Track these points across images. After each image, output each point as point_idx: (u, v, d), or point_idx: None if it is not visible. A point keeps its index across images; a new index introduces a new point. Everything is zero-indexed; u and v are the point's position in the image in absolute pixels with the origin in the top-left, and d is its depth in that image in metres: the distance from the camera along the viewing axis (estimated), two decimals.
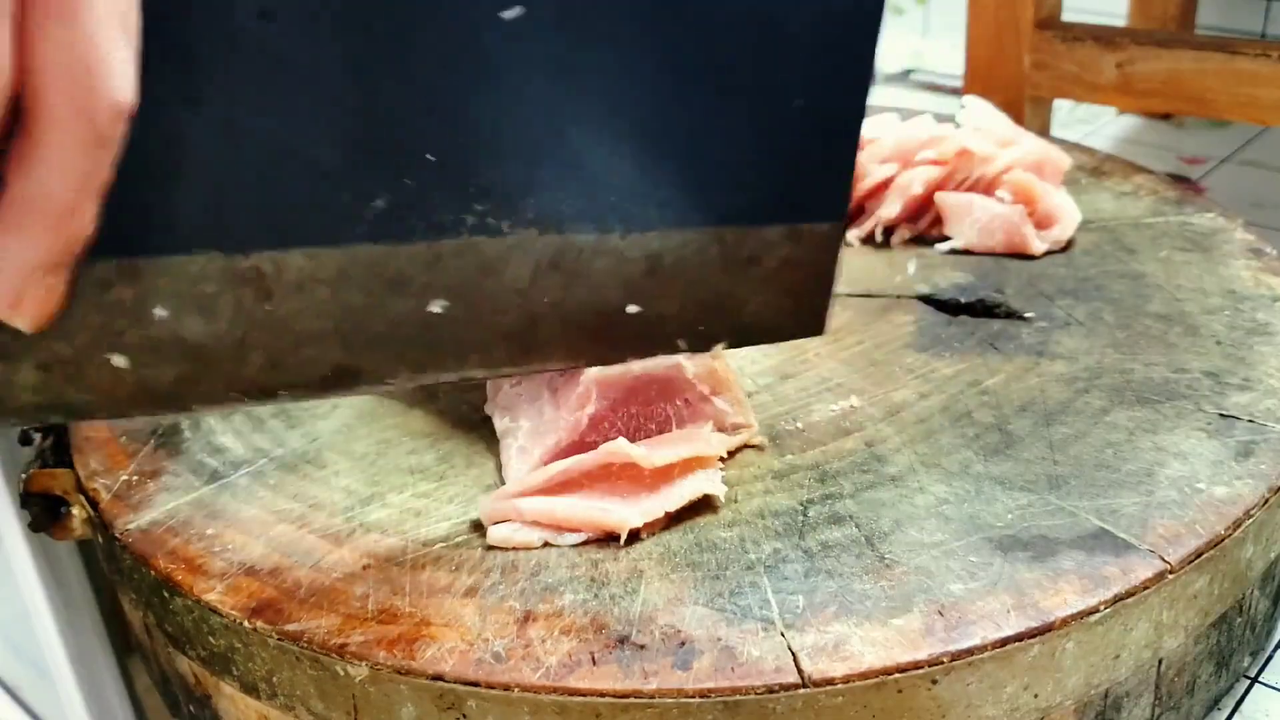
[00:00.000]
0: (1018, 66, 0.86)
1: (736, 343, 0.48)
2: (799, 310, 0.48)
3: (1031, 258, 0.63)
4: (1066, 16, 0.89)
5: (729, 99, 0.43)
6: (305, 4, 0.35)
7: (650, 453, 0.43)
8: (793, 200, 0.46)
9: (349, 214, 0.38)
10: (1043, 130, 0.90)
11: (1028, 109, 0.88)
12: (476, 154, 0.39)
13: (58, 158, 0.29)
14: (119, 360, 0.36)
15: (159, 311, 0.36)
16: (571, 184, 0.42)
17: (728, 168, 0.44)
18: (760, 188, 0.45)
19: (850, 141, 0.46)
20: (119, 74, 0.29)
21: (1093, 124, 1.11)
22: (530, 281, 0.42)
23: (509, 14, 0.38)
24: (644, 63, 0.41)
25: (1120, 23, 1.10)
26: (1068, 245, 0.64)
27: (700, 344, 0.47)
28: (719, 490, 0.45)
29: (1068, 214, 0.64)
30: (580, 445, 0.45)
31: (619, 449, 0.43)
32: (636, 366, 0.46)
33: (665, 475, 0.44)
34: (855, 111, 0.46)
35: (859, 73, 0.45)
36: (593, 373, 0.46)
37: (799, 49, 0.43)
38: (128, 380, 0.37)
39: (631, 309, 0.45)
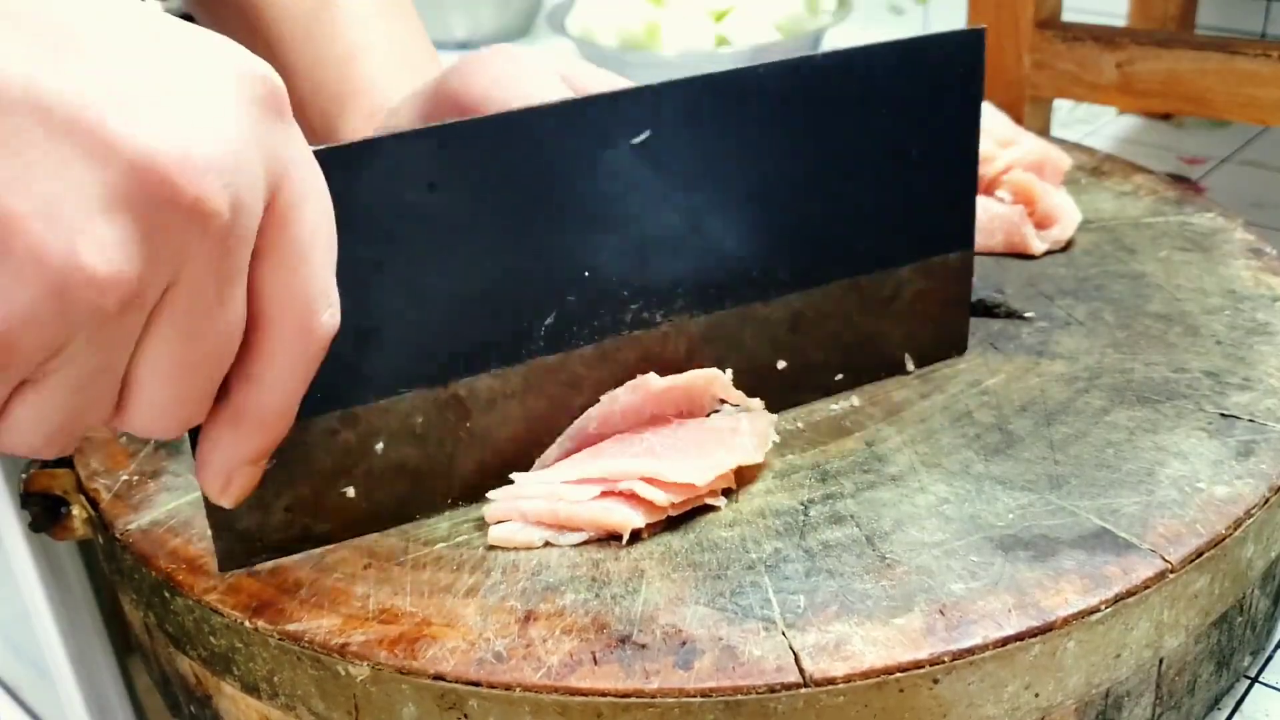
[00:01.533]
0: (1018, 66, 0.86)
1: (885, 374, 0.52)
2: (940, 333, 0.53)
3: (1031, 257, 0.63)
4: (1066, 16, 0.89)
5: (855, 163, 0.48)
6: (464, 173, 0.41)
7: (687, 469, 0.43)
8: (920, 239, 0.50)
9: (525, 335, 0.44)
10: (1043, 130, 0.90)
11: (1028, 109, 0.88)
12: (626, 262, 0.45)
13: (278, 375, 0.33)
14: (350, 491, 0.43)
15: (379, 446, 0.42)
16: (713, 270, 0.46)
17: (856, 223, 0.49)
18: (889, 234, 0.50)
19: (969, 177, 0.51)
20: (330, 306, 0.33)
21: (1093, 124, 1.11)
22: (686, 356, 0.47)
23: (638, 140, 0.43)
24: (768, 152, 0.46)
25: (1120, 23, 1.10)
26: (1068, 245, 0.64)
27: (849, 382, 0.51)
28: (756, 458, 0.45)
29: (1068, 214, 0.64)
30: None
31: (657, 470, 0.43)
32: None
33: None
34: (970, 148, 0.50)
35: (968, 114, 0.50)
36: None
37: (917, 109, 0.48)
38: (359, 506, 0.43)
39: (781, 364, 0.49)
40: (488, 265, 0.42)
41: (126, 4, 0.29)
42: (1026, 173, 0.65)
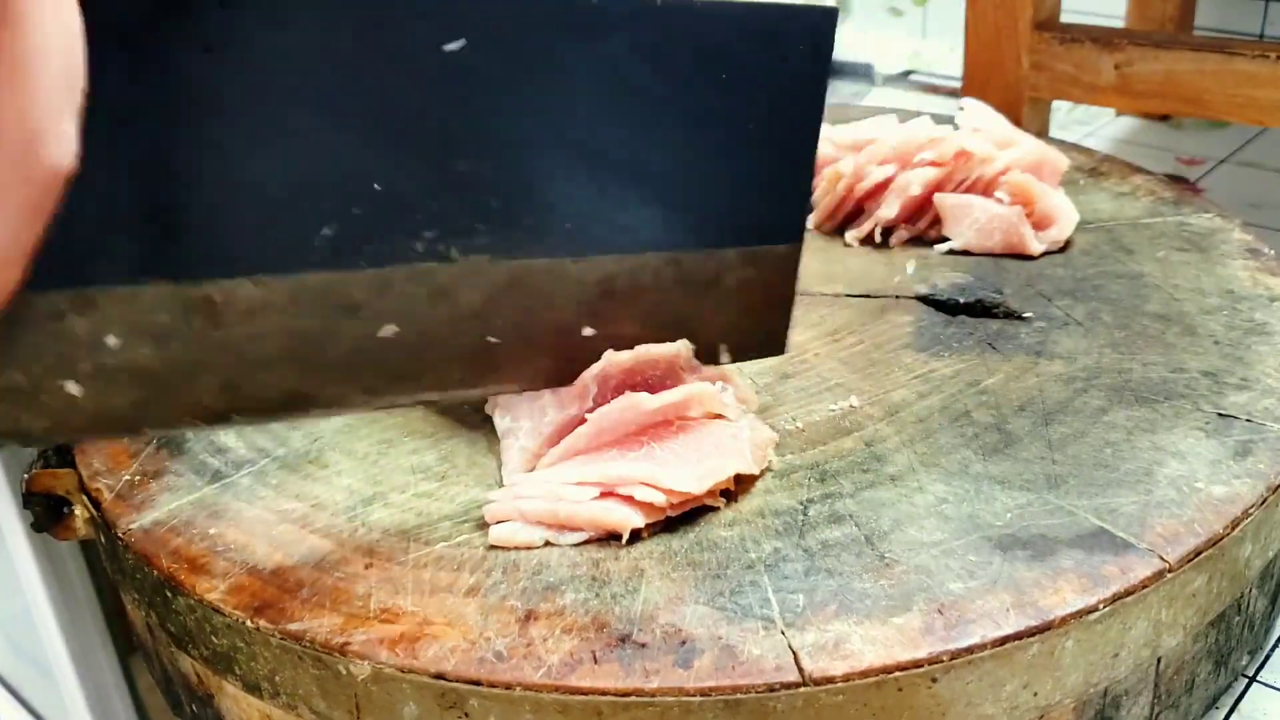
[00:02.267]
0: (1016, 68, 0.87)
1: (700, 360, 0.48)
2: (760, 330, 0.49)
3: (1030, 258, 0.63)
4: (1065, 17, 0.90)
5: (684, 127, 0.44)
6: (246, 39, 0.36)
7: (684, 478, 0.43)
8: (750, 223, 0.47)
9: (297, 243, 0.38)
10: (1041, 131, 0.90)
11: (1026, 110, 0.88)
12: (423, 183, 0.40)
13: None
14: (73, 388, 0.37)
15: (111, 340, 0.37)
16: (522, 211, 0.42)
17: (683, 194, 0.45)
18: (716, 212, 0.46)
19: (806, 166, 0.47)
20: (62, 140, 0.29)
21: (1091, 125, 1.11)
22: (483, 306, 0.42)
23: (451, 47, 0.38)
24: (590, 90, 0.42)
25: (1119, 24, 1.11)
26: (1066, 245, 0.64)
27: None
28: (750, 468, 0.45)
29: (1066, 214, 0.65)
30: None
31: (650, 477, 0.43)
32: (640, 350, 0.46)
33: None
34: (810, 137, 0.47)
35: (812, 100, 0.46)
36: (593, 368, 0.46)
37: (752, 78, 0.44)
38: (82, 406, 0.37)
39: (588, 331, 0.45)
40: (262, 152, 0.37)
41: None
42: (1025, 173, 0.65)
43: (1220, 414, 0.48)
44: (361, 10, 0.37)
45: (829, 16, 0.45)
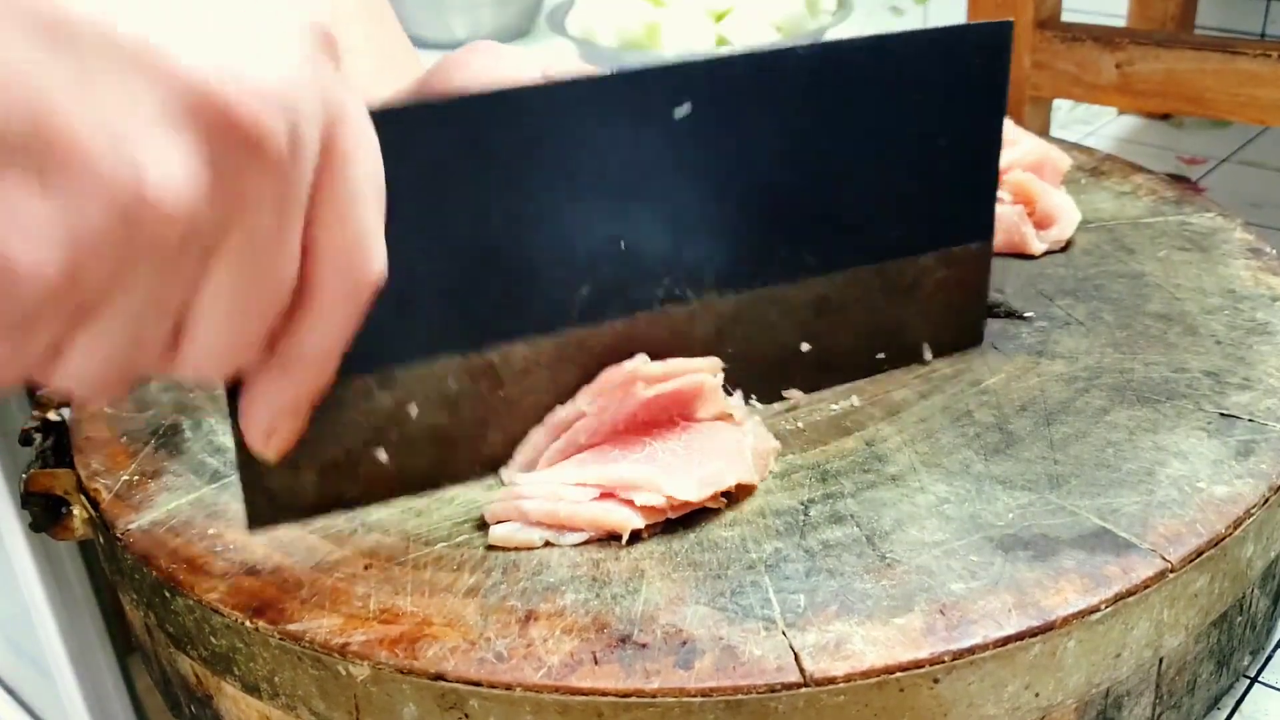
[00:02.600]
0: (1017, 67, 0.86)
1: (902, 362, 0.52)
2: (958, 325, 0.53)
3: (1031, 257, 0.63)
4: (1066, 16, 0.89)
5: (883, 148, 0.48)
6: (506, 140, 0.41)
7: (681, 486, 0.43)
8: (943, 227, 0.51)
9: (559, 305, 0.44)
10: (1042, 130, 0.90)
11: (1027, 109, 0.88)
12: (660, 237, 0.45)
13: (324, 326, 0.33)
14: (382, 455, 0.42)
15: (413, 409, 0.42)
16: (744, 249, 0.47)
17: (882, 209, 0.49)
18: (913, 221, 0.50)
19: (990, 166, 0.52)
20: (379, 253, 0.34)
21: (1092, 124, 1.11)
22: (715, 335, 0.48)
23: (680, 112, 0.43)
24: (795, 131, 0.46)
25: (1120, 23, 1.11)
26: (1067, 245, 0.64)
27: (869, 368, 0.52)
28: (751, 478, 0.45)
29: (1067, 214, 0.64)
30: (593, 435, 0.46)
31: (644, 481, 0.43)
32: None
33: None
34: (993, 139, 0.51)
35: (993, 103, 0.50)
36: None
37: (937, 95, 0.49)
38: (390, 470, 0.43)
39: (805, 347, 0.50)
40: (526, 233, 0.42)
41: None
42: (1026, 173, 0.65)
43: (1222, 414, 0.48)
44: (607, 95, 0.43)
45: (1003, 29, 0.49)
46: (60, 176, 0.27)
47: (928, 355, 0.53)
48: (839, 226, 0.49)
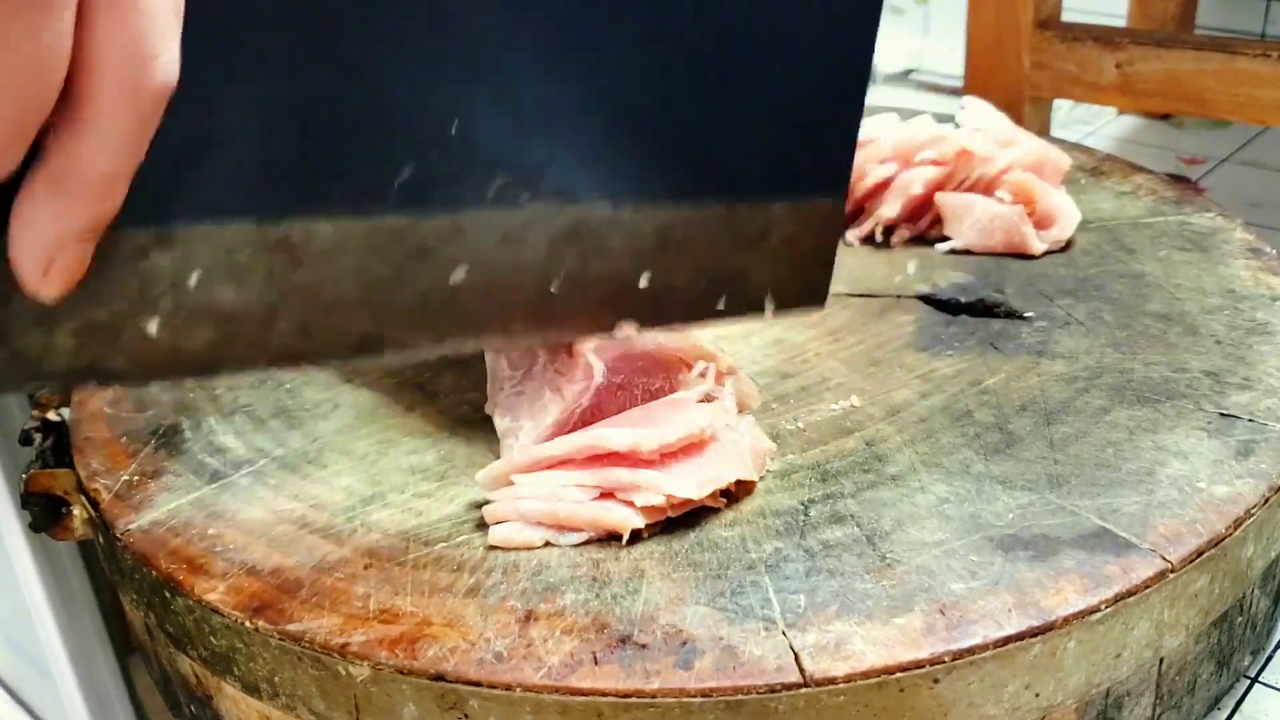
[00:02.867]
0: (1018, 67, 0.87)
1: (741, 312, 0.49)
2: (803, 283, 0.50)
3: (1031, 257, 0.63)
4: (1066, 16, 0.90)
5: (738, 76, 0.45)
6: None
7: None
8: (797, 176, 0.48)
9: (376, 185, 0.39)
10: (1042, 130, 0.90)
11: (1027, 109, 0.88)
12: (498, 127, 0.40)
13: (102, 134, 0.30)
14: (153, 326, 0.37)
15: (193, 278, 0.37)
16: (588, 157, 0.43)
17: (735, 143, 0.46)
18: (766, 163, 0.47)
19: (853, 119, 0.49)
20: (167, 57, 0.30)
21: (1092, 124, 1.11)
22: (547, 253, 0.43)
23: None
24: (656, 40, 0.43)
25: (1120, 23, 1.11)
26: (1067, 245, 0.64)
27: (706, 315, 0.48)
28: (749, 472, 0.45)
29: (1067, 214, 0.64)
30: (581, 423, 0.46)
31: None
32: (636, 347, 0.46)
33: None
34: (858, 89, 0.48)
35: (861, 52, 0.47)
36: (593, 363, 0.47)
37: (805, 28, 0.45)
38: (161, 345, 0.38)
39: (643, 282, 0.46)
40: (346, 94, 0.38)
41: None
42: (1026, 173, 0.65)
43: (1222, 414, 0.48)
44: None
45: None
46: None
47: (769, 309, 0.50)
48: (692, 154, 0.45)
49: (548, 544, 0.43)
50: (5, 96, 0.28)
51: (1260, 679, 0.49)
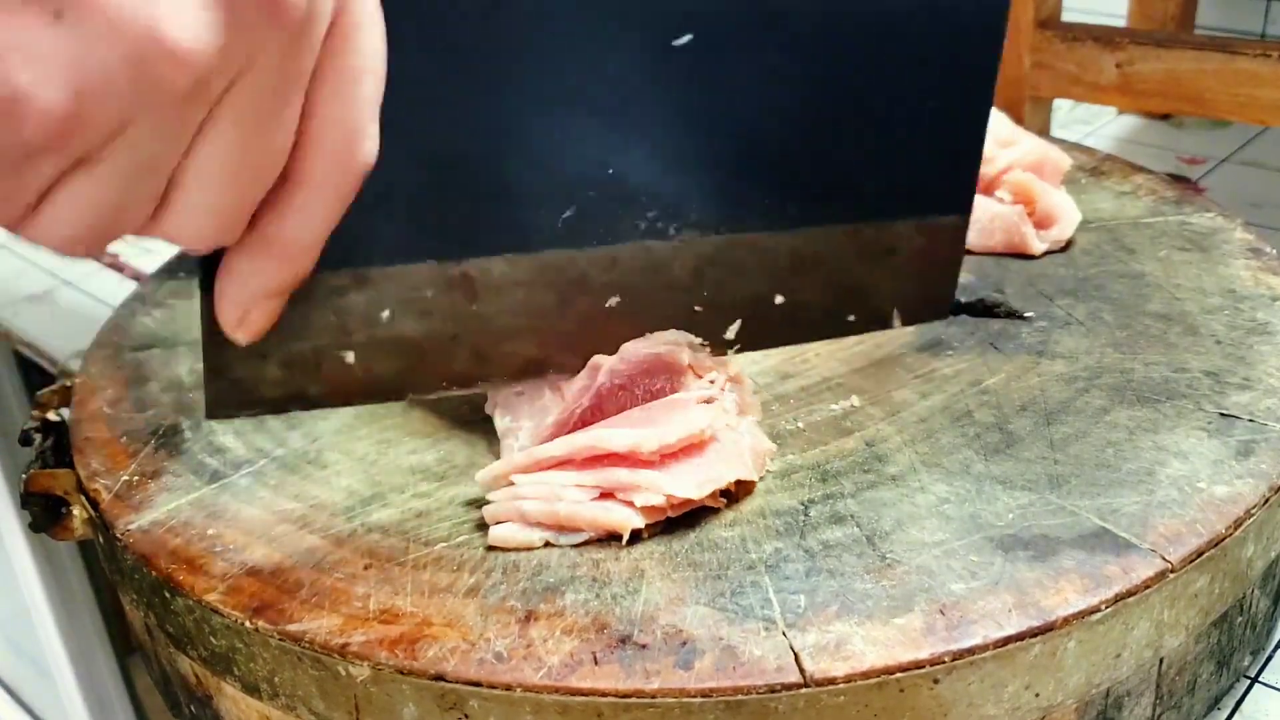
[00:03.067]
0: (1017, 66, 0.86)
1: (871, 326, 0.53)
2: (927, 296, 0.54)
3: (1031, 257, 0.63)
4: (1066, 16, 0.89)
5: (867, 105, 0.48)
6: (507, 44, 0.40)
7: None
8: (922, 196, 0.51)
9: (542, 225, 0.44)
10: (1042, 130, 0.90)
11: (1027, 109, 0.88)
12: (648, 168, 0.45)
13: (310, 208, 0.33)
14: (349, 357, 0.43)
15: (385, 314, 0.42)
16: (727, 191, 0.47)
17: (863, 168, 0.49)
18: (893, 185, 0.50)
19: (976, 139, 0.52)
20: (371, 139, 0.33)
21: (1092, 124, 1.11)
22: (693, 277, 0.48)
23: (679, 42, 0.43)
24: (790, 77, 0.46)
25: (1120, 23, 1.10)
26: (1067, 245, 0.64)
27: (836, 329, 0.53)
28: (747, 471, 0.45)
29: (1067, 214, 0.64)
30: (581, 423, 0.46)
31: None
32: (640, 354, 0.47)
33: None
34: (981, 112, 0.51)
35: (983, 76, 0.50)
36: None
37: (929, 56, 0.48)
38: (356, 374, 0.43)
39: (778, 299, 0.50)
40: (515, 145, 0.42)
41: None
42: (1026, 173, 0.65)
43: (1222, 414, 0.48)
44: (611, 13, 0.42)
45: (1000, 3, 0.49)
46: (77, 12, 0.26)
47: (896, 323, 0.53)
48: (822, 180, 0.49)
49: (548, 544, 0.43)
50: (250, 178, 0.31)
51: (1260, 679, 0.49)
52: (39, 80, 0.26)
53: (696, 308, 0.48)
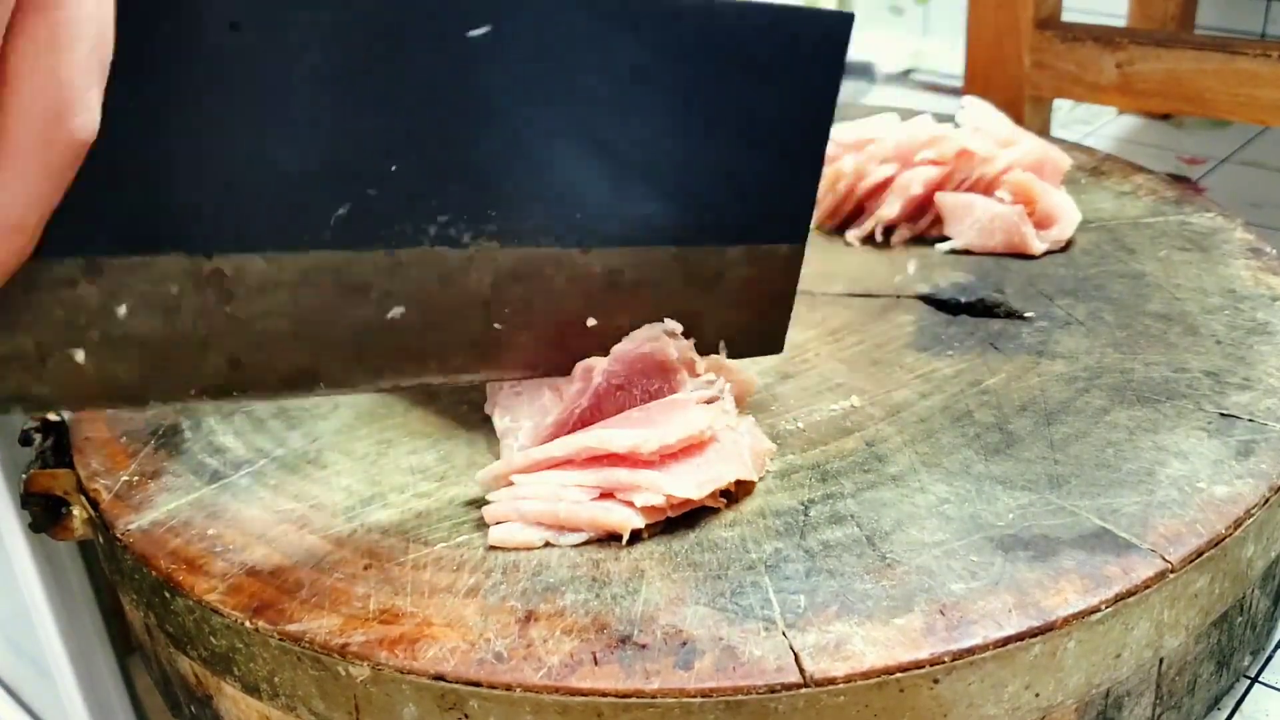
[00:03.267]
0: (1018, 66, 0.86)
1: (698, 353, 0.48)
2: (759, 329, 0.50)
3: (1031, 257, 0.63)
4: (1066, 16, 0.89)
5: (695, 123, 0.45)
6: (274, 18, 0.36)
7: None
8: (755, 222, 0.48)
9: (312, 221, 0.39)
10: (1042, 130, 0.90)
11: (1028, 109, 0.88)
12: (439, 167, 0.40)
13: (14, 181, 0.30)
14: (80, 356, 0.37)
15: (121, 310, 0.37)
16: (534, 199, 0.42)
17: (691, 189, 0.46)
18: (723, 209, 0.47)
19: (814, 167, 0.48)
20: (88, 110, 0.30)
21: (1092, 124, 1.11)
22: (491, 291, 0.43)
23: (475, 33, 0.39)
24: (608, 84, 0.42)
25: (1120, 23, 1.10)
26: (1067, 245, 0.64)
27: None
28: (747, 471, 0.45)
29: (1067, 214, 0.64)
30: (580, 424, 0.46)
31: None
32: (630, 354, 0.46)
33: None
34: (819, 140, 0.47)
35: (823, 104, 0.47)
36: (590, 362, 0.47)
37: (766, 80, 0.45)
38: (89, 375, 0.38)
39: (591, 322, 0.46)
40: (281, 130, 0.38)
41: None
42: (1026, 173, 0.65)
43: (1222, 414, 0.48)
44: None
45: (844, 21, 0.46)
46: None
47: (723, 354, 0.49)
48: (644, 198, 0.45)
49: (548, 544, 0.43)
50: None
51: (1260, 679, 0.49)
52: None
53: (496, 324, 0.44)
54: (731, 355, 0.50)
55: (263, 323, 0.40)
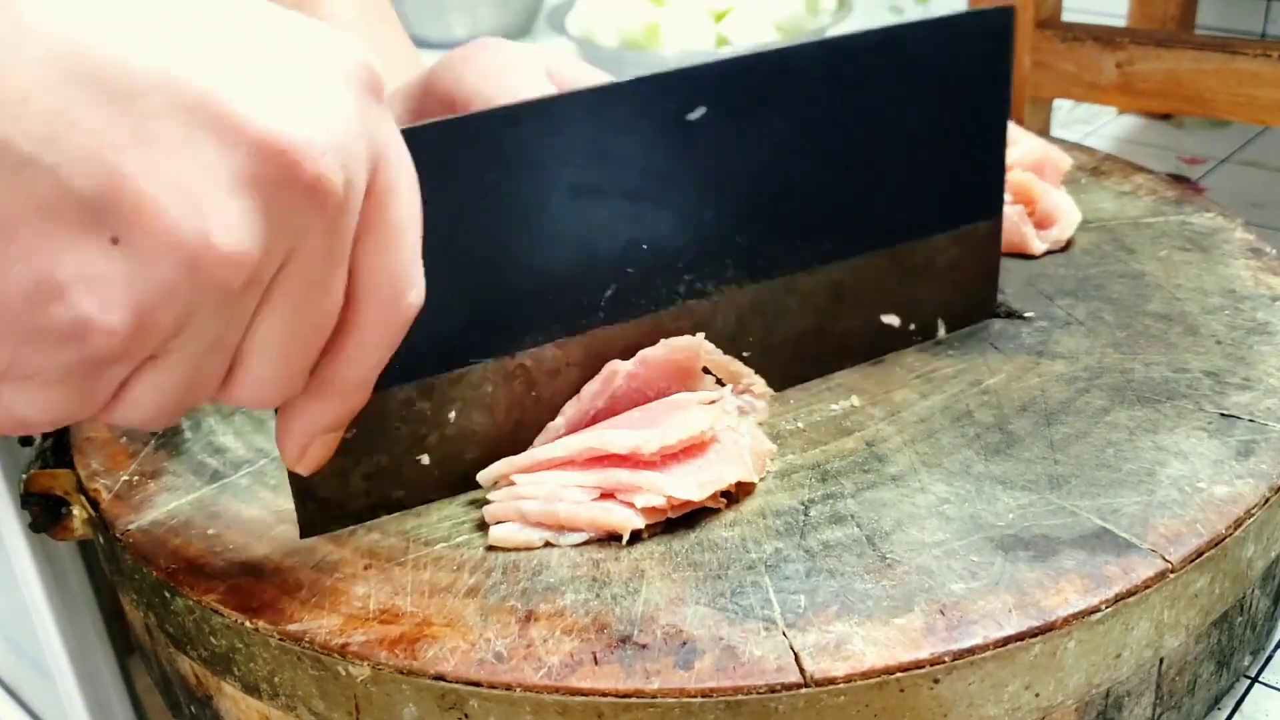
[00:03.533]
0: (1017, 66, 0.86)
1: (916, 339, 0.54)
2: (970, 300, 0.55)
3: (1031, 257, 0.63)
4: (1066, 16, 0.89)
5: (895, 135, 0.50)
6: (530, 151, 0.43)
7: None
8: (952, 208, 0.53)
9: (586, 306, 0.46)
10: (1042, 130, 0.90)
11: (1027, 109, 0.88)
12: (680, 236, 0.47)
13: (363, 351, 0.34)
14: (426, 459, 0.45)
15: (451, 414, 0.44)
16: (761, 243, 0.49)
17: (892, 194, 0.51)
18: (925, 204, 0.52)
19: (999, 145, 0.53)
20: (417, 285, 0.35)
21: (1092, 124, 1.11)
22: (736, 328, 0.49)
23: (693, 116, 0.45)
24: (810, 130, 0.48)
25: (1120, 23, 1.10)
26: (1067, 245, 0.64)
27: (886, 346, 0.54)
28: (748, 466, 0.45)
29: (1067, 214, 0.64)
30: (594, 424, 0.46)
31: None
32: (658, 359, 0.48)
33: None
34: (1000, 119, 0.52)
35: (996, 87, 0.52)
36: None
37: (949, 81, 0.50)
38: (433, 473, 0.45)
39: (822, 330, 0.52)
40: (554, 241, 0.44)
41: None
42: (1026, 172, 0.65)
43: (1223, 414, 0.48)
44: (621, 103, 0.44)
45: (1005, 13, 0.51)
46: (131, 235, 0.28)
47: (941, 331, 0.55)
48: (851, 214, 0.50)
49: (548, 544, 0.43)
50: (307, 341, 0.33)
51: (1260, 679, 0.49)
52: (102, 304, 0.28)
53: (744, 354, 0.49)
54: (949, 330, 0.55)
55: (561, 397, 0.47)
